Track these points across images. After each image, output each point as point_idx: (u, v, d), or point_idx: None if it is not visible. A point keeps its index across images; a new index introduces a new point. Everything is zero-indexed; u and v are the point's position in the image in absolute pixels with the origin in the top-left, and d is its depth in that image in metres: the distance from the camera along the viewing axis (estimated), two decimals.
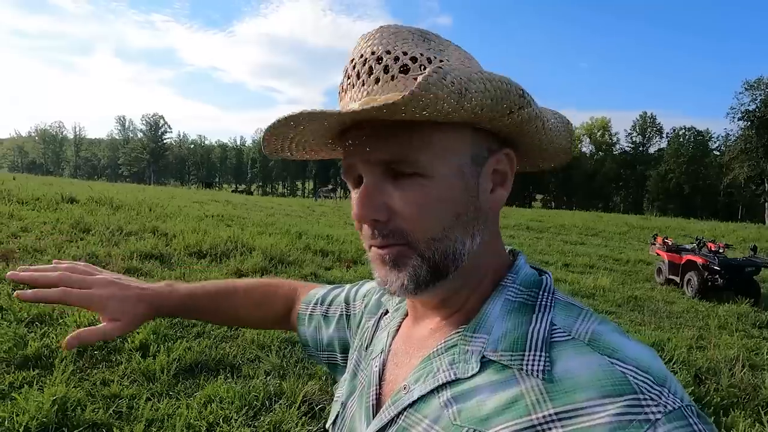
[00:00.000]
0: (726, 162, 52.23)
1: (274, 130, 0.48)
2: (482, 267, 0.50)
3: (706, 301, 7.24)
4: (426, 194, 0.45)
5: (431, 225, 0.45)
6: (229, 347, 3.49)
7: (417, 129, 0.44)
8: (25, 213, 7.87)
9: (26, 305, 3.67)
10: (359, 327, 0.67)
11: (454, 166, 0.46)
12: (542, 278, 0.51)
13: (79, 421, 2.30)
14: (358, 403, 0.56)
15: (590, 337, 0.43)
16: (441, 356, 0.48)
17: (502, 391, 0.42)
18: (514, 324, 0.46)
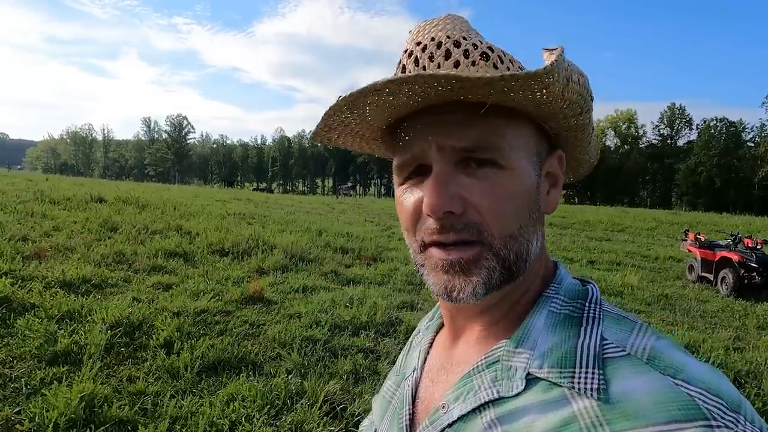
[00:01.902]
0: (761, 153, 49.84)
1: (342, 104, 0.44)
2: (531, 274, 0.47)
3: (743, 300, 6.91)
4: (503, 186, 0.42)
5: (508, 220, 0.43)
6: (251, 345, 3.50)
7: (493, 119, 0.42)
8: (57, 212, 8.14)
9: (56, 302, 3.78)
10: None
11: (528, 161, 0.44)
12: (587, 288, 0.47)
13: (105, 418, 2.33)
14: (389, 424, 0.53)
15: (649, 354, 0.38)
16: (482, 373, 0.44)
17: (552, 412, 0.38)
18: (560, 338, 0.42)
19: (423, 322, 0.63)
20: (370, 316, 4.20)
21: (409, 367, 0.57)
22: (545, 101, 0.40)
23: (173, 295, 4.43)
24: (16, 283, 4.05)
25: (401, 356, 0.63)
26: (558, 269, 0.50)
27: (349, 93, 0.42)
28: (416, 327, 0.64)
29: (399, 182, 0.48)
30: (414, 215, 0.45)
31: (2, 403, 2.39)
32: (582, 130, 0.46)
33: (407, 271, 6.45)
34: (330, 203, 22.62)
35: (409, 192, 0.46)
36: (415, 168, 0.46)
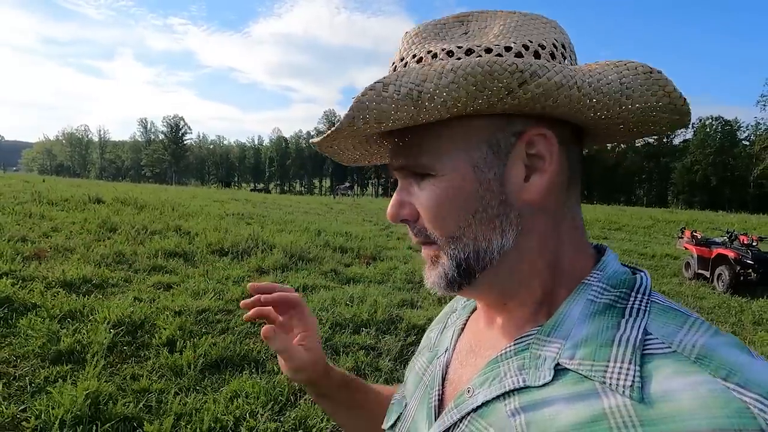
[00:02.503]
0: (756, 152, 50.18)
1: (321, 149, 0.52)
2: (539, 265, 0.45)
3: (739, 297, 6.98)
4: (436, 194, 0.44)
5: (446, 224, 0.44)
6: (253, 343, 3.53)
7: (420, 130, 0.43)
8: (55, 213, 8.13)
9: (57, 302, 3.79)
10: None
11: (464, 161, 0.43)
12: (636, 277, 0.44)
13: (111, 415, 2.35)
14: (420, 403, 0.53)
15: (699, 353, 0.35)
16: (510, 360, 0.44)
17: (580, 405, 0.36)
18: (597, 329, 0.40)
19: (460, 301, 0.62)
20: (370, 314, 4.23)
21: (442, 346, 0.57)
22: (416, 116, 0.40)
23: (174, 295, 4.44)
24: (16, 284, 4.05)
25: (436, 333, 0.62)
26: (604, 255, 0.47)
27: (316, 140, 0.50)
28: (454, 303, 0.64)
29: None
30: None
31: (8, 401, 2.40)
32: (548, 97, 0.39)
33: (406, 270, 6.49)
34: (328, 203, 22.64)
35: None
36: None
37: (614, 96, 0.40)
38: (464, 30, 0.46)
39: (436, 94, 0.38)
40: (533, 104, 0.40)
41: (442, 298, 5.27)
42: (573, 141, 0.46)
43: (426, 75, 0.38)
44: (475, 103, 0.39)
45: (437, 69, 0.38)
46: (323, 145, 0.51)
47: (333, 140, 0.48)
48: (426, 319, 4.24)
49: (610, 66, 0.42)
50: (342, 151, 0.54)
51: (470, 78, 0.37)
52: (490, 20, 0.46)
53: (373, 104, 0.39)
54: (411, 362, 0.63)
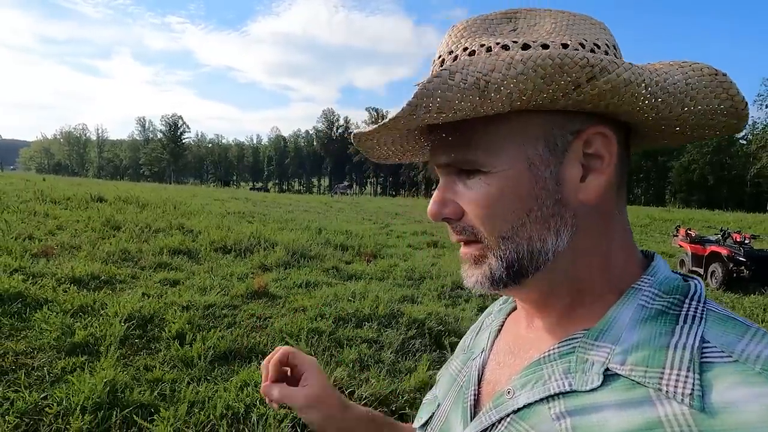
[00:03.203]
0: (753, 151, 50.47)
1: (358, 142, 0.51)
2: (592, 266, 0.44)
3: (731, 293, 7.13)
4: (489, 191, 0.42)
5: (497, 223, 0.43)
6: (260, 336, 3.65)
7: (473, 124, 0.42)
8: (59, 212, 8.23)
9: (69, 297, 3.91)
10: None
11: (519, 158, 0.42)
12: (689, 284, 0.43)
13: (128, 402, 2.48)
14: (454, 403, 0.53)
15: (765, 364, 0.33)
16: (554, 362, 0.43)
17: (632, 412, 0.35)
18: (649, 334, 0.39)
19: (496, 304, 0.62)
20: (372, 309, 4.35)
21: (477, 347, 0.56)
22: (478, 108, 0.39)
23: (181, 291, 4.56)
24: (27, 280, 4.16)
25: (469, 335, 0.62)
26: (655, 261, 0.46)
27: (353, 136, 0.50)
28: (489, 308, 0.64)
29: None
30: None
31: (29, 389, 2.52)
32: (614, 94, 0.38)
33: (406, 267, 6.61)
34: (327, 202, 22.75)
35: None
36: None
37: (679, 96, 0.40)
38: (513, 27, 0.45)
39: (503, 85, 0.37)
40: (598, 100, 0.39)
41: (441, 294, 5.40)
42: (625, 141, 0.45)
43: (494, 65, 0.37)
44: (539, 97, 0.38)
45: (505, 59, 0.37)
46: (364, 138, 0.49)
47: (379, 133, 0.46)
48: (426, 314, 4.37)
49: (675, 66, 0.41)
50: (379, 146, 0.53)
51: (540, 70, 0.36)
52: (540, 18, 0.45)
53: (438, 92, 0.37)
54: (444, 366, 0.63)
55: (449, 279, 5.95)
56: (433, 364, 3.43)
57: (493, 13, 0.46)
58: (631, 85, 0.37)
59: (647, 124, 0.43)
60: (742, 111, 0.42)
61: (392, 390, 2.87)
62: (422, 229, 12.43)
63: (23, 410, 2.34)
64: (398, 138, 0.51)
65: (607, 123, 0.42)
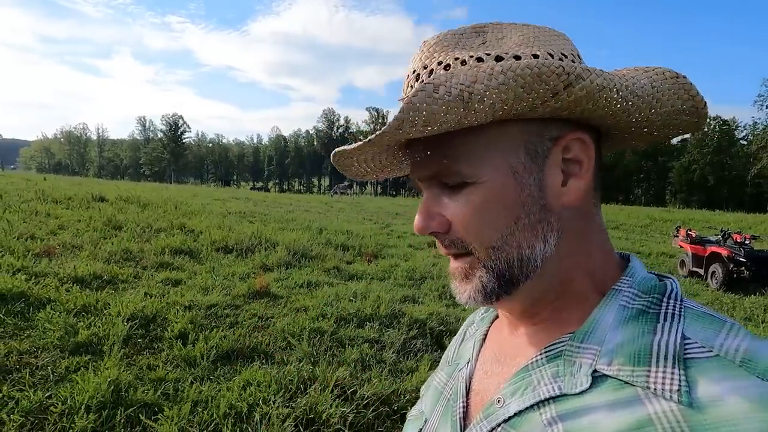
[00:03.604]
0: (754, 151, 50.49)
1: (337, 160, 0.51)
2: (576, 269, 0.45)
3: (732, 294, 7.14)
4: (475, 202, 0.43)
5: (486, 233, 0.43)
6: (262, 336, 3.66)
7: (454, 137, 0.42)
8: (60, 212, 8.25)
9: (72, 297, 3.92)
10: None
11: (502, 167, 0.42)
12: (665, 283, 0.44)
13: (132, 401, 2.49)
14: (443, 416, 0.51)
15: (744, 356, 0.35)
16: (542, 367, 0.43)
17: (623, 412, 0.36)
18: (633, 334, 0.40)
19: (478, 313, 0.61)
20: (374, 309, 4.37)
21: (462, 358, 0.55)
22: (463, 119, 0.39)
23: (183, 290, 4.58)
24: (30, 279, 4.18)
25: (453, 347, 0.62)
26: (631, 262, 0.47)
27: (333, 155, 0.49)
28: (471, 317, 0.64)
29: None
30: None
31: (33, 388, 2.53)
32: (589, 100, 0.39)
33: (407, 267, 6.63)
34: (328, 202, 22.77)
35: None
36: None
37: (647, 99, 0.42)
38: (482, 40, 0.45)
39: (486, 96, 0.37)
40: (574, 107, 0.40)
41: (442, 294, 5.42)
42: (599, 144, 0.47)
43: (476, 76, 0.38)
44: (519, 106, 0.39)
45: (486, 70, 0.38)
46: (345, 156, 0.49)
47: (360, 150, 0.45)
48: (427, 314, 4.39)
49: (640, 71, 0.44)
50: (358, 163, 0.52)
51: (519, 80, 0.37)
52: (507, 31, 0.46)
53: (423, 105, 0.37)
54: (428, 380, 0.62)
55: (450, 279, 5.96)
56: (435, 363, 3.44)
57: (461, 27, 0.47)
58: (604, 90, 0.39)
59: (618, 127, 0.45)
60: (702, 110, 0.45)
61: (394, 390, 2.88)
62: None
63: (28, 409, 2.36)
64: (377, 154, 0.51)
65: (583, 128, 0.44)
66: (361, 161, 0.52)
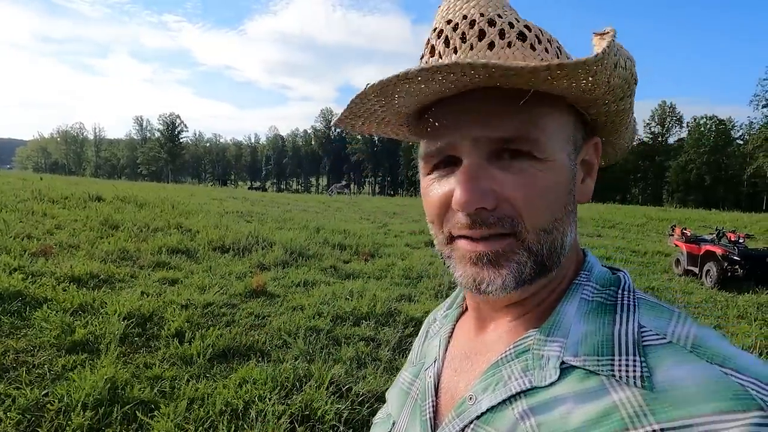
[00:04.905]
0: (750, 151, 50.79)
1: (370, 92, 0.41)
2: (565, 265, 0.46)
3: (726, 292, 7.20)
4: (540, 179, 0.41)
5: (542, 214, 0.41)
6: (258, 335, 3.68)
7: (532, 107, 0.40)
8: (57, 211, 8.24)
9: (68, 296, 3.93)
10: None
11: (564, 151, 0.43)
12: (618, 275, 0.46)
13: (128, 399, 2.51)
14: (411, 417, 0.51)
15: (693, 343, 0.37)
16: (512, 362, 0.43)
17: (590, 401, 0.37)
18: (595, 326, 0.41)
19: (440, 310, 0.61)
20: (370, 308, 4.39)
21: (428, 357, 0.55)
22: (589, 88, 0.39)
23: (180, 289, 4.59)
24: (27, 279, 4.19)
25: (416, 346, 0.61)
26: (587, 257, 0.48)
27: (378, 81, 0.39)
28: (431, 316, 0.63)
29: (426, 171, 0.46)
30: (442, 208, 0.44)
31: (30, 386, 2.55)
32: (621, 115, 0.45)
33: (404, 266, 6.65)
34: (326, 201, 22.77)
35: (437, 183, 0.44)
36: (444, 158, 0.44)
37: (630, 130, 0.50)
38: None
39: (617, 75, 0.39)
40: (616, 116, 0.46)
41: (438, 293, 5.45)
42: None
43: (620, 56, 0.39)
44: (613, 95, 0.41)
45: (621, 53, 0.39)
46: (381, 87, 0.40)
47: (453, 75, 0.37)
48: (423, 312, 4.41)
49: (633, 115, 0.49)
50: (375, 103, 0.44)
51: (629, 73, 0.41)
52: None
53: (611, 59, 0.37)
54: (392, 384, 0.61)
55: (446, 278, 5.99)
56: None
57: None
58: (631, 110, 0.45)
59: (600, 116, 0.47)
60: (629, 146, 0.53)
61: (389, 387, 2.91)
62: (420, 228, 12.47)
63: (24, 407, 2.37)
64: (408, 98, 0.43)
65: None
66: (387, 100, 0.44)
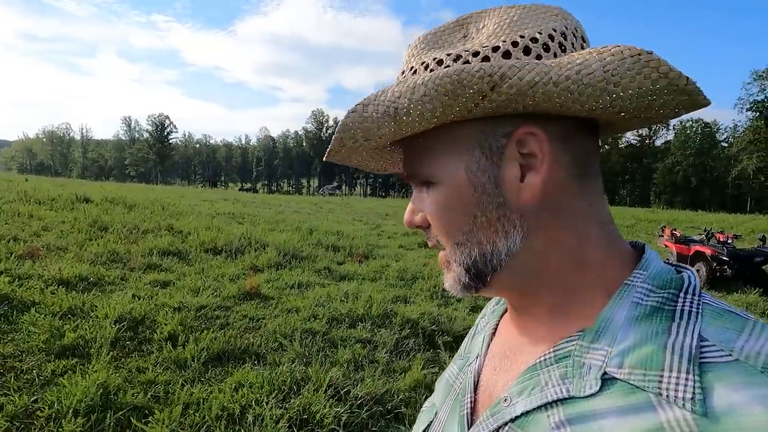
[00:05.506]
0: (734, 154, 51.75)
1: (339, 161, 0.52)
2: (561, 262, 0.43)
3: (715, 292, 7.30)
4: (438, 202, 0.45)
5: (450, 231, 0.45)
6: (253, 337, 3.63)
7: (419, 141, 0.45)
8: (44, 213, 8.07)
9: (57, 299, 3.84)
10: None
11: (458, 168, 0.43)
12: (683, 275, 0.41)
13: (121, 404, 2.45)
14: (451, 411, 0.52)
15: (766, 361, 0.33)
16: (551, 367, 0.41)
17: (633, 418, 0.34)
18: (645, 334, 0.37)
19: (489, 306, 0.61)
20: (366, 309, 4.36)
21: (473, 353, 0.55)
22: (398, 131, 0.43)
23: (172, 292, 4.51)
24: (13, 282, 4.08)
25: (466, 340, 0.62)
26: (645, 253, 0.44)
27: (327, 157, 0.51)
28: (484, 310, 0.63)
29: None
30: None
31: (18, 392, 2.47)
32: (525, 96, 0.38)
33: (398, 268, 6.63)
34: (318, 203, 22.68)
35: None
36: None
37: (599, 86, 0.38)
38: (463, 33, 0.46)
39: (411, 108, 0.40)
40: (510, 105, 0.39)
41: (434, 294, 5.44)
42: (579, 133, 0.43)
43: (400, 92, 0.40)
44: (453, 112, 0.40)
45: (410, 84, 0.40)
46: (338, 160, 0.52)
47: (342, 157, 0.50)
48: (419, 314, 4.39)
49: (594, 54, 0.39)
50: (365, 161, 0.55)
51: (441, 89, 0.38)
52: (488, 19, 0.45)
53: (356, 124, 0.43)
54: (442, 374, 0.62)
55: (441, 279, 5.94)
56: (428, 363, 3.45)
57: (446, 23, 0.48)
58: (537, 85, 0.37)
59: (590, 116, 0.42)
60: (686, 86, 0.38)
61: (387, 389, 2.88)
62: (413, 230, 12.44)
63: (13, 414, 2.30)
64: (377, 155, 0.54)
65: (541, 121, 0.41)
66: (366, 159, 0.54)
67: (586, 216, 0.43)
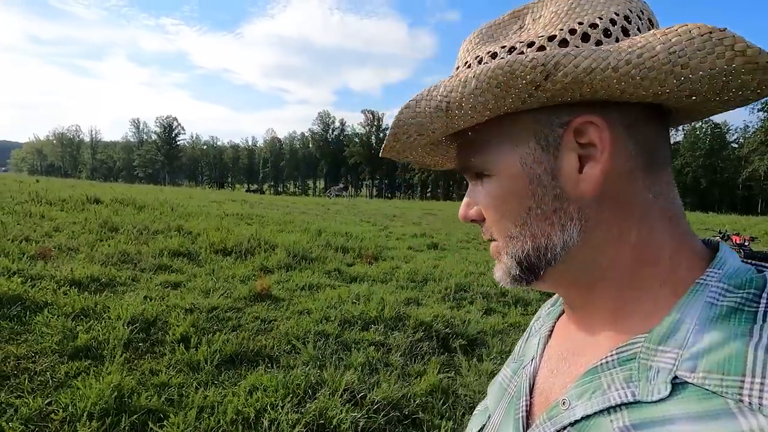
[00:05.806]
0: (745, 154, 51.13)
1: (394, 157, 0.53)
2: (622, 258, 0.41)
3: None
4: (491, 194, 0.45)
5: (503, 223, 0.44)
6: (265, 339, 3.59)
7: (474, 133, 0.45)
8: (55, 213, 8.11)
9: (69, 300, 3.82)
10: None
11: (512, 159, 0.43)
12: (765, 275, 0.37)
13: (136, 408, 2.41)
14: (505, 414, 0.50)
15: None
16: (613, 370, 0.39)
17: (710, 426, 0.32)
18: (721, 336, 0.35)
19: (544, 308, 0.60)
20: (378, 312, 4.30)
21: (527, 356, 0.54)
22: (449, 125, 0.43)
23: (183, 293, 4.49)
24: (26, 282, 4.08)
25: (520, 343, 0.60)
26: (720, 251, 0.41)
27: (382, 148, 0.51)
28: (538, 312, 0.62)
29: None
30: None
31: (32, 395, 2.45)
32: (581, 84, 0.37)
33: (408, 270, 6.57)
34: (325, 204, 22.69)
35: None
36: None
37: (664, 69, 0.35)
38: (519, 24, 0.45)
39: (463, 102, 0.40)
40: (567, 94, 0.38)
41: (446, 296, 5.37)
42: (645, 120, 0.41)
43: (452, 86, 0.40)
44: (505, 103, 0.39)
45: (462, 78, 0.39)
46: (393, 156, 0.52)
47: (397, 152, 0.51)
48: (432, 317, 4.33)
49: (657, 35, 0.36)
50: (421, 157, 0.55)
51: (492, 81, 0.38)
52: (545, 8, 0.44)
53: (409, 119, 0.44)
54: (495, 377, 0.60)
55: (452, 281, 5.91)
56: (443, 367, 3.39)
57: (502, 16, 0.48)
58: (594, 71, 0.36)
59: (656, 101, 0.39)
60: (766, 63, 0.34)
61: (404, 394, 2.82)
62: (421, 231, 12.41)
63: (27, 416, 2.27)
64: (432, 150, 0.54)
65: (602, 108, 0.40)
66: (422, 155, 0.54)
67: (652, 209, 0.41)
